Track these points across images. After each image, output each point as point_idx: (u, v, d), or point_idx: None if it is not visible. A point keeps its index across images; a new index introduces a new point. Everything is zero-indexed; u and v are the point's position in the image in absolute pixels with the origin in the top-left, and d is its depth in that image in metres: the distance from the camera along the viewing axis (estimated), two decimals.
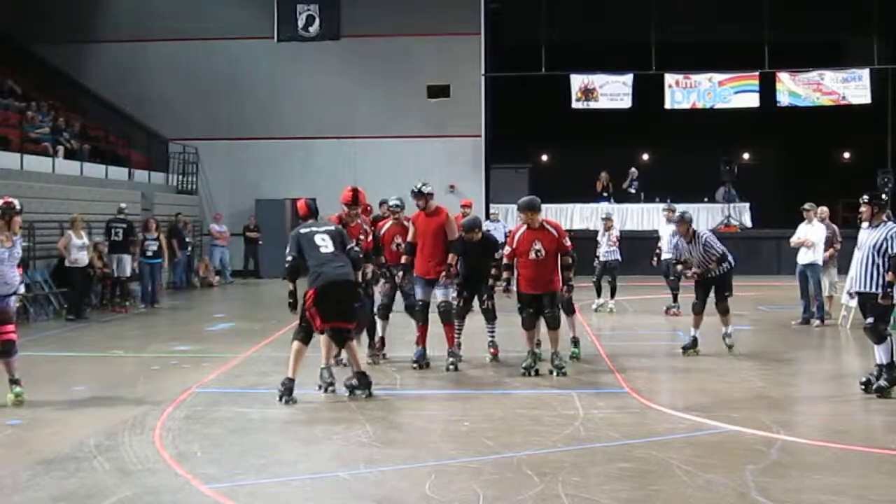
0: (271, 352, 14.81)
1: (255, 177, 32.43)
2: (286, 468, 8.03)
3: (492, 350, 13.53)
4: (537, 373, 12.26)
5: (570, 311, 13.73)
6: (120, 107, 31.99)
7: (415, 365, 12.90)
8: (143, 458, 8.33)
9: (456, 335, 13.24)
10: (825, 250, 17.77)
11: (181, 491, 7.42)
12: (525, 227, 12.54)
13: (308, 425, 9.72)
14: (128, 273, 21.49)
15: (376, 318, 13.58)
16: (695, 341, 14.24)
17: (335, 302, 10.81)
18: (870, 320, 11.13)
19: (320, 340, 10.91)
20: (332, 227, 11.36)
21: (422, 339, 13.14)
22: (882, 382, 10.90)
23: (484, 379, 12.25)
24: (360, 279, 11.70)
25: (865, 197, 11.68)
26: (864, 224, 11.65)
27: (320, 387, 11.09)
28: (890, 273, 10.92)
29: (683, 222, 14.22)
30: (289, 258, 11.09)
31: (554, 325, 12.38)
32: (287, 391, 10.69)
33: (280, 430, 9.51)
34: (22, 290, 11.57)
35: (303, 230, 11.19)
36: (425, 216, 13.20)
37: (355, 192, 12.44)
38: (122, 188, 26.89)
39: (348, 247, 11.23)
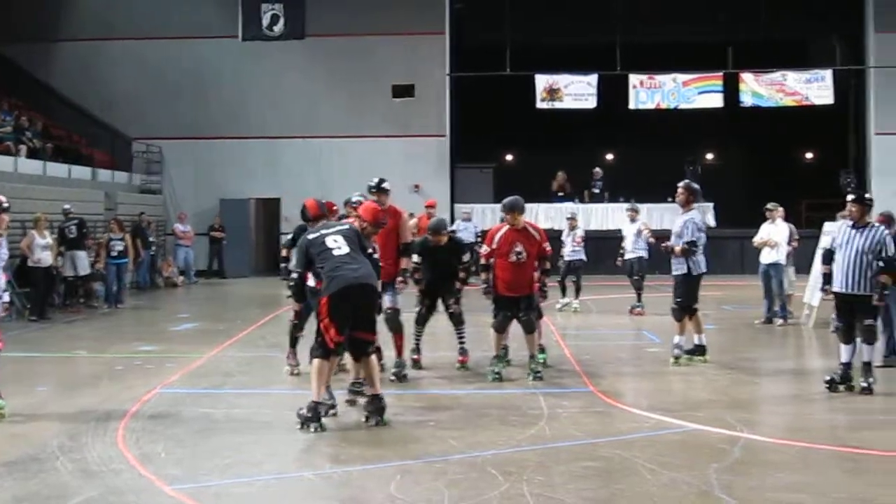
0: (236, 352, 14.79)
1: (220, 176, 32.31)
2: (251, 468, 8.02)
3: (461, 358, 12.89)
4: (501, 378, 11.99)
5: (538, 316, 12.93)
6: (83, 106, 31.80)
7: (392, 377, 11.91)
8: (106, 458, 8.29)
9: (416, 341, 12.86)
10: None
11: (145, 492, 7.39)
12: (506, 227, 12.16)
13: (273, 425, 9.69)
14: (86, 270, 21.29)
15: None
16: (701, 348, 13.55)
17: (353, 309, 9.45)
18: (869, 321, 11.18)
19: (312, 368, 9.51)
20: (346, 227, 10.10)
21: (399, 350, 12.24)
22: (869, 381, 11.05)
23: (450, 379, 12.24)
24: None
25: (853, 196, 11.60)
26: (842, 224, 11.63)
27: (307, 422, 9.31)
28: (885, 275, 11.04)
29: (686, 190, 13.46)
30: (294, 274, 10.14)
31: (529, 329, 12.08)
32: (315, 417, 9.26)
33: (245, 430, 9.47)
34: (6, 297, 10.97)
35: (311, 235, 9.84)
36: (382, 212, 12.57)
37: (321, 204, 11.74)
38: (86, 187, 26.75)
39: (368, 250, 10.03)
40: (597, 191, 32.59)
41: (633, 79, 32.59)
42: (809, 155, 39.30)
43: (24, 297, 20.10)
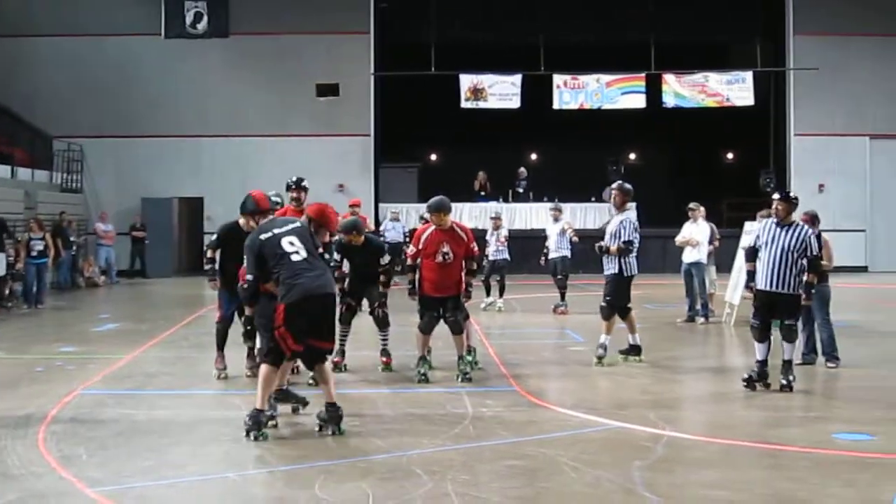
0: (159, 352, 14.67)
1: (143, 175, 32.01)
2: (174, 470, 7.96)
3: (384, 359, 12.72)
4: (428, 379, 11.88)
5: (465, 317, 12.45)
6: (2, 103, 31.30)
7: (311, 382, 11.19)
8: (26, 461, 8.18)
9: (340, 342, 12.36)
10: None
11: (67, 495, 7.31)
12: (433, 228, 12.05)
13: (196, 426, 9.63)
14: (3, 272, 21.00)
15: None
16: (636, 348, 13.60)
17: (311, 318, 9.00)
18: (790, 321, 11.35)
19: (260, 375, 9.11)
20: (298, 225, 9.47)
21: None
22: (789, 378, 11.21)
23: (374, 378, 12.23)
24: None
25: (780, 194, 11.79)
26: (767, 222, 11.74)
27: (249, 430, 8.96)
28: (810, 274, 11.21)
29: (621, 191, 13.47)
30: (248, 278, 9.49)
31: (457, 330, 12.01)
32: (255, 425, 8.90)
33: (167, 431, 9.40)
34: None
35: (263, 235, 9.24)
36: (296, 213, 12.33)
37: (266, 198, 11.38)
38: (5, 186, 26.39)
39: (319, 250, 9.52)
40: (521, 190, 32.78)
41: (557, 79, 32.80)
42: (730, 155, 39.73)
43: None
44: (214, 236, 12.35)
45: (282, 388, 9.81)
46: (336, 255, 12.50)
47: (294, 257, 9.04)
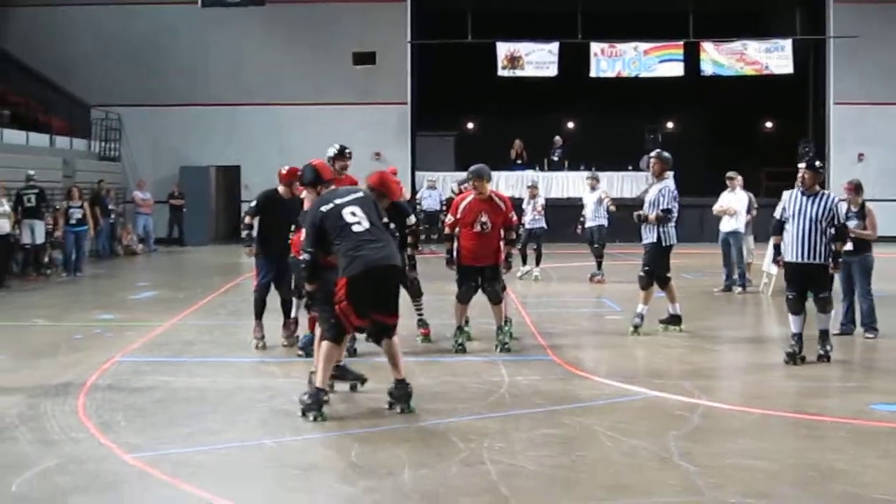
0: (196, 320, 14.76)
1: (179, 143, 32.15)
2: (211, 437, 8.00)
3: (422, 330, 12.57)
4: (465, 350, 11.82)
5: (502, 288, 12.31)
6: (41, 72, 31.43)
7: (301, 353, 11.34)
8: (66, 427, 8.25)
9: None
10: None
11: (105, 460, 7.36)
12: (472, 196, 11.97)
13: (233, 394, 9.68)
14: (42, 240, 21.14)
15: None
16: (676, 318, 13.54)
17: (375, 292, 8.57)
18: (824, 294, 11.17)
19: (320, 351, 8.66)
20: (361, 195, 9.04)
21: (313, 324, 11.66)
22: (826, 348, 11.11)
23: (409, 348, 12.22)
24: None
25: (804, 164, 11.57)
26: (792, 193, 11.51)
27: (308, 409, 8.54)
28: (837, 243, 11.08)
29: (660, 160, 13.45)
30: (305, 255, 8.84)
31: (496, 300, 11.91)
32: (315, 404, 8.49)
33: (205, 399, 9.45)
34: None
35: (324, 207, 8.72)
36: (339, 182, 11.85)
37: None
38: (44, 155, 26.53)
39: (384, 219, 9.00)
40: (556, 159, 32.64)
41: (595, 47, 32.60)
42: (769, 124, 39.48)
43: None
44: (253, 203, 12.47)
45: (339, 364, 9.30)
46: None
47: (356, 228, 8.57)
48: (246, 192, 31.09)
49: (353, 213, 8.62)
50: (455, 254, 12.07)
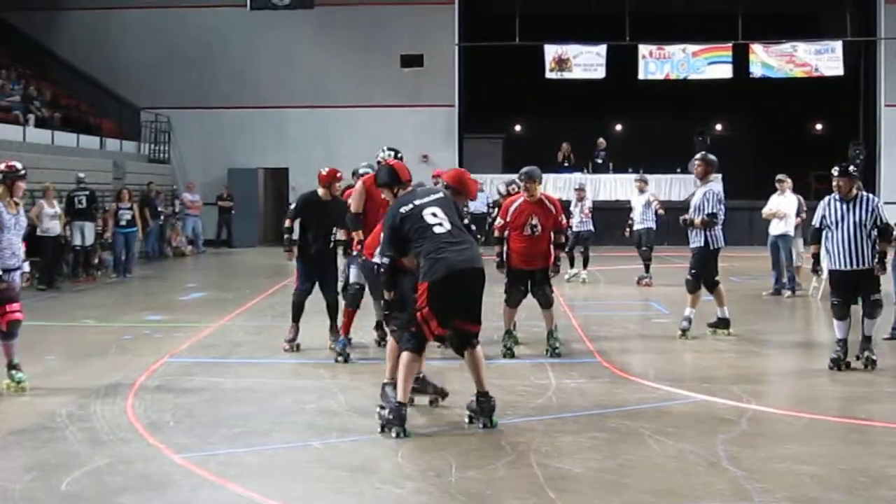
0: (244, 321, 14.84)
1: (228, 146, 32.32)
2: (259, 438, 8.04)
3: None
4: (514, 354, 11.72)
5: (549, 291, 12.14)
6: (91, 75, 31.74)
7: (339, 358, 11.42)
8: (115, 427, 8.32)
9: None
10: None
11: (153, 460, 7.41)
12: (522, 199, 11.85)
13: (281, 395, 9.72)
14: (92, 241, 21.29)
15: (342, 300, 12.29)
16: (725, 321, 13.42)
17: (459, 297, 8.16)
18: (876, 296, 10.94)
19: (401, 363, 8.20)
20: (441, 195, 8.61)
21: (348, 328, 11.80)
22: (872, 354, 10.93)
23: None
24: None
25: (837, 170, 11.20)
26: (831, 200, 11.15)
27: (389, 425, 8.05)
28: (882, 243, 10.91)
29: (704, 162, 13.37)
30: (384, 259, 8.48)
31: (547, 304, 11.78)
32: (398, 419, 7.99)
33: (252, 399, 9.50)
34: (27, 267, 10.54)
35: (403, 208, 8.32)
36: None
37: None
38: (94, 157, 26.78)
39: (465, 220, 8.60)
40: (600, 161, 32.54)
41: (643, 49, 32.51)
42: (819, 127, 39.22)
43: (33, 267, 20.07)
44: (292, 205, 12.55)
45: (419, 376, 8.80)
46: None
47: (437, 229, 8.15)
48: (293, 194, 31.15)
49: (434, 214, 8.24)
50: (504, 257, 11.94)
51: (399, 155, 11.64)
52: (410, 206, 8.30)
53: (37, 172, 21.56)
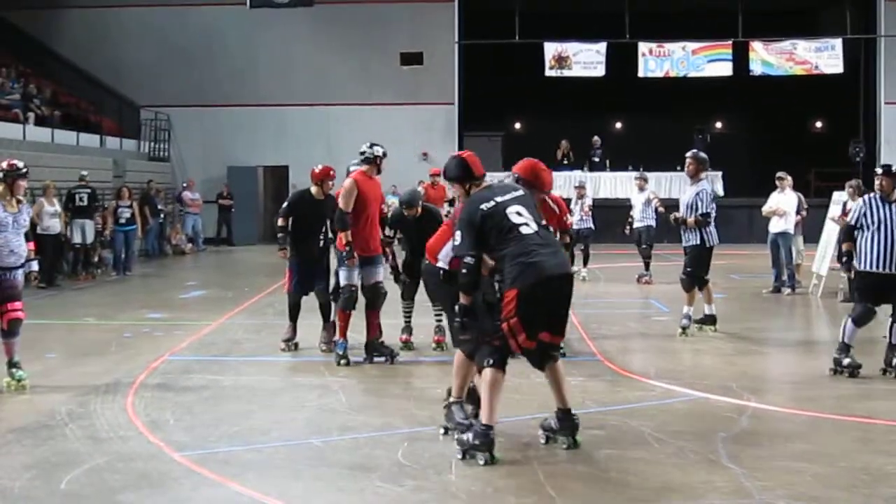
0: (244, 319, 14.84)
1: (228, 144, 32.31)
2: (259, 436, 8.04)
3: (436, 338, 11.93)
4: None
5: None
6: (91, 73, 31.74)
7: (342, 361, 11.07)
8: (115, 425, 8.32)
9: (405, 320, 12.06)
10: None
11: (154, 458, 7.41)
12: None
13: (281, 393, 9.72)
14: (91, 239, 21.28)
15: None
16: (711, 318, 13.43)
17: (549, 306, 7.42)
18: None
19: (483, 380, 7.42)
20: (521, 192, 7.79)
21: (345, 330, 11.25)
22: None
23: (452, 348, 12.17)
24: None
25: (881, 169, 10.82)
26: (871, 200, 10.67)
27: (474, 450, 7.29)
28: None
29: (695, 160, 13.24)
30: (468, 259, 7.45)
31: None
32: (485, 445, 7.21)
33: (253, 397, 9.50)
34: (35, 266, 10.68)
35: (484, 205, 7.51)
36: (371, 181, 11.25)
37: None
38: (94, 155, 26.76)
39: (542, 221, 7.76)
40: (596, 160, 32.50)
41: (643, 47, 32.53)
42: (819, 124, 39.20)
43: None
44: (285, 204, 12.47)
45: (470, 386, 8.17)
46: (388, 231, 11.89)
47: (524, 230, 7.39)
48: (294, 191, 31.20)
49: (519, 213, 7.47)
50: None
51: (383, 151, 11.35)
52: (492, 203, 7.52)
53: (37, 171, 21.54)
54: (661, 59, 32.71)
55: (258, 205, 32.68)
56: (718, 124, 39.03)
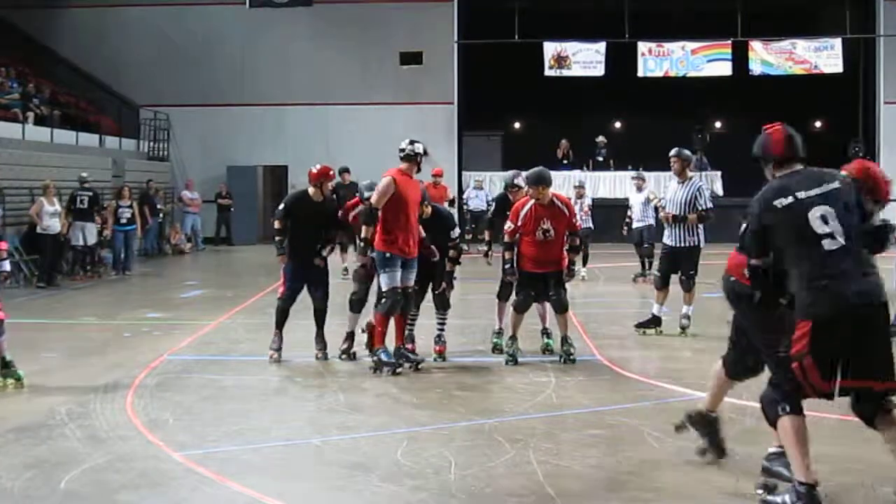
0: (243, 319, 14.84)
1: (227, 143, 32.26)
2: (259, 435, 8.04)
3: (437, 348, 11.42)
4: (517, 361, 11.02)
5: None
6: (91, 73, 31.74)
7: (387, 369, 10.52)
8: (114, 425, 8.32)
9: (409, 328, 11.27)
10: None
11: (153, 458, 7.41)
12: (532, 203, 11.08)
13: (281, 393, 9.73)
14: (93, 241, 21.27)
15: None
16: (656, 319, 13.35)
17: (854, 344, 5.86)
18: None
19: (782, 431, 6.19)
20: (837, 185, 6.08)
21: (383, 336, 10.70)
22: None
23: (455, 346, 12.18)
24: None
25: None
26: None
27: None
28: None
29: (680, 158, 13.23)
30: (754, 263, 6.26)
31: (562, 308, 11.07)
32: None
33: (252, 397, 9.51)
34: (6, 266, 10.53)
35: (779, 201, 6.08)
36: (410, 180, 10.86)
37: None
38: (93, 154, 26.73)
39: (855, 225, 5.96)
40: (601, 159, 32.51)
41: (642, 46, 32.52)
42: (818, 124, 39.15)
43: (32, 265, 20.12)
44: (280, 206, 11.81)
45: (710, 414, 7.41)
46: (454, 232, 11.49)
47: (827, 244, 5.82)
48: (293, 191, 31.24)
49: (824, 219, 5.88)
50: (515, 262, 11.17)
51: (424, 148, 11.08)
52: (790, 199, 6.01)
53: (36, 170, 21.66)
54: (660, 59, 32.71)
55: (257, 204, 32.66)
56: (718, 124, 39.01)
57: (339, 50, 32.30)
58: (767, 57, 32.58)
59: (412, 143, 10.97)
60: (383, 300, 10.65)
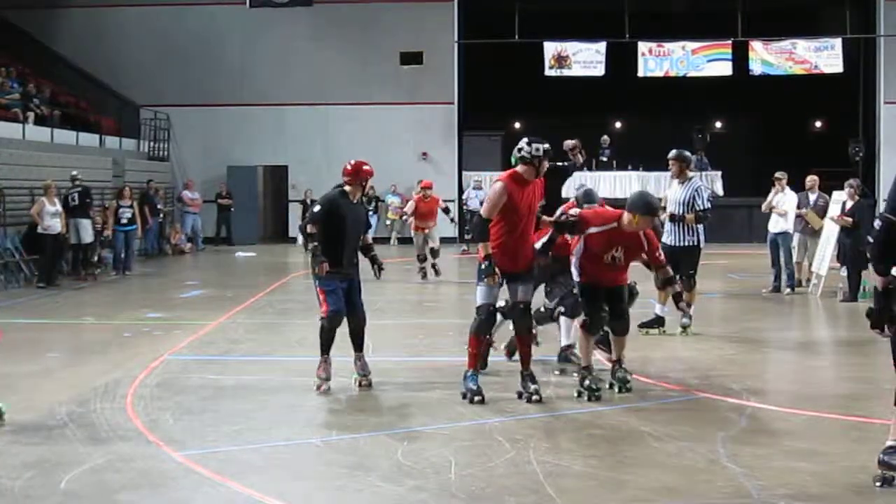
0: (244, 319, 14.83)
1: (227, 143, 32.26)
2: (259, 435, 8.03)
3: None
4: (600, 398, 9.26)
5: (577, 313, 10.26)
6: (91, 72, 31.73)
7: (477, 398, 9.05)
8: (115, 425, 8.31)
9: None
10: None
11: (153, 458, 7.40)
12: (614, 224, 9.53)
13: (281, 393, 9.70)
14: (89, 239, 21.21)
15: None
16: (660, 319, 13.17)
17: None
18: None
19: None
20: None
21: (476, 359, 9.41)
22: None
23: (456, 347, 12.18)
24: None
25: None
26: None
27: None
28: None
29: (678, 161, 13.11)
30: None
31: (622, 331, 9.68)
32: None
33: (252, 397, 9.48)
34: None
35: None
36: (525, 186, 9.22)
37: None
38: (93, 154, 26.73)
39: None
40: (605, 159, 32.54)
41: (642, 46, 32.50)
42: (818, 124, 39.16)
43: (33, 265, 20.12)
44: (316, 208, 9.79)
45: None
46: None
47: None
48: (293, 191, 31.40)
49: None
50: (579, 272, 9.77)
51: (544, 149, 9.31)
52: None
53: (36, 170, 21.66)
54: (660, 59, 32.69)
55: (257, 204, 32.69)
56: (718, 124, 38.98)
57: (339, 50, 32.29)
58: (768, 57, 32.56)
59: (530, 143, 9.29)
60: (476, 317, 9.32)
